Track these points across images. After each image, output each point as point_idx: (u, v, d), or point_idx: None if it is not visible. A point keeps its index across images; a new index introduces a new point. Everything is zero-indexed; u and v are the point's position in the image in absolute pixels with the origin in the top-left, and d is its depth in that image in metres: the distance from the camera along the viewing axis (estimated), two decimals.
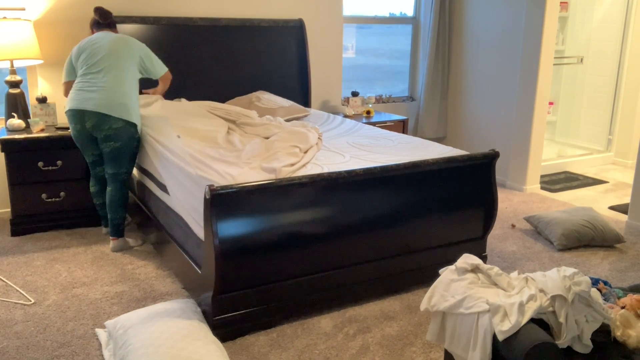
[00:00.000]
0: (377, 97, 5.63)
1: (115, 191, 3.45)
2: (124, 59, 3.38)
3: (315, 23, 4.94)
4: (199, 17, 4.37)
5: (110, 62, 3.35)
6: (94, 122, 3.29)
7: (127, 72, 3.38)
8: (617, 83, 5.82)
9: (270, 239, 2.56)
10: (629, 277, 3.30)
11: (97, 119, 3.28)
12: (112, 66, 3.35)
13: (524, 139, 4.90)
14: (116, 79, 3.33)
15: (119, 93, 3.31)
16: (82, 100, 3.30)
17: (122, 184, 3.47)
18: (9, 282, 3.11)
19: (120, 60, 3.37)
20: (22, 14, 3.91)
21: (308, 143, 3.33)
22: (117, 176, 3.43)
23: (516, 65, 4.96)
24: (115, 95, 3.30)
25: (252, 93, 4.48)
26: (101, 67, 3.34)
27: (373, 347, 2.53)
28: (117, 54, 3.37)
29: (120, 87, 3.33)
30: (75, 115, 3.33)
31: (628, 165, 5.88)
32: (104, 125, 3.29)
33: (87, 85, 3.33)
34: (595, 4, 5.88)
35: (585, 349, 1.86)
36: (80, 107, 3.29)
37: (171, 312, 2.57)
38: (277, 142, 3.33)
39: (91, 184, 3.65)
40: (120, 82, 3.34)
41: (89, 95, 3.30)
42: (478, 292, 1.98)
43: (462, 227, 3.16)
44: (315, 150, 3.26)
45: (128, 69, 3.39)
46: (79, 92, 3.33)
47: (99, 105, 3.26)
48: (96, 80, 3.33)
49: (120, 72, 3.35)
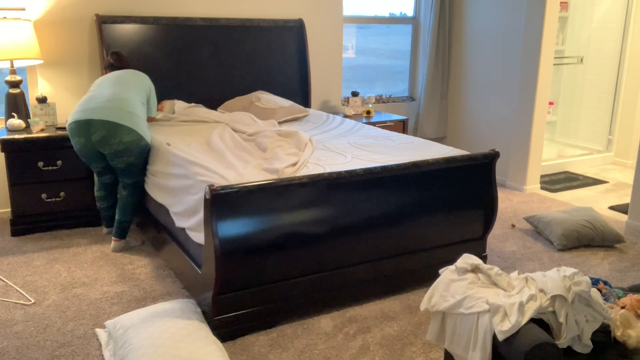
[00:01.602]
0: (377, 97, 5.63)
1: (130, 196, 3.44)
2: (133, 83, 3.39)
3: (315, 23, 4.94)
4: (199, 17, 4.37)
5: (118, 81, 3.35)
6: (102, 135, 3.13)
7: (135, 92, 3.35)
8: (617, 83, 5.82)
9: (270, 239, 2.56)
10: (629, 277, 3.30)
11: (106, 131, 3.12)
12: (120, 83, 3.33)
13: (524, 139, 4.90)
14: (124, 91, 3.28)
15: (127, 102, 3.22)
16: (87, 110, 3.16)
17: (139, 190, 3.46)
18: (9, 282, 3.11)
19: (128, 82, 3.36)
20: (22, 14, 3.91)
21: (302, 142, 3.33)
22: (135, 184, 3.42)
23: (516, 65, 4.96)
24: (123, 104, 3.19)
25: (252, 93, 4.48)
26: (108, 84, 3.32)
27: (373, 347, 2.53)
28: (126, 79, 3.39)
29: (128, 97, 3.25)
30: (79, 128, 3.17)
31: (628, 165, 5.88)
32: (113, 139, 3.13)
33: (91, 95, 3.25)
34: (595, 4, 5.88)
35: (585, 349, 1.86)
36: (86, 117, 3.14)
37: (171, 312, 2.57)
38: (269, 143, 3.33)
39: (96, 189, 3.63)
40: (129, 95, 3.27)
41: (94, 105, 3.16)
42: (478, 292, 1.98)
43: (462, 227, 3.16)
44: (310, 148, 3.26)
45: (136, 90, 3.36)
46: (83, 103, 3.22)
47: (107, 114, 3.11)
48: (102, 91, 3.25)
49: (128, 88, 3.32)
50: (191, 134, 3.53)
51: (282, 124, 4.13)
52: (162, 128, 3.71)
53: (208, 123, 3.88)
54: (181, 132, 3.59)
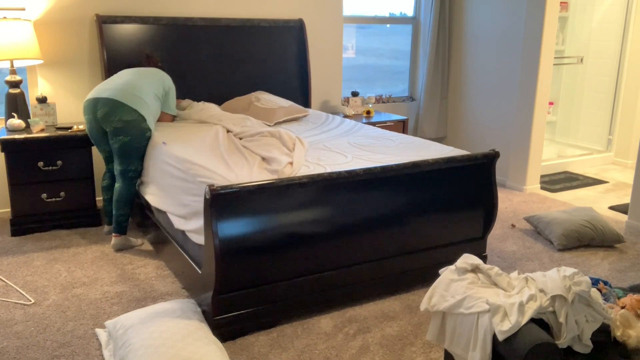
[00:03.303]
0: (377, 97, 5.63)
1: (122, 188, 3.46)
2: (152, 77, 3.58)
3: (315, 23, 4.94)
4: (199, 17, 4.37)
5: (137, 72, 3.55)
6: (105, 111, 3.31)
7: (150, 84, 3.53)
8: (617, 83, 5.82)
9: (270, 239, 2.56)
10: (629, 277, 3.30)
11: (109, 108, 3.30)
12: (138, 74, 3.53)
13: (524, 139, 4.90)
14: (139, 80, 3.47)
15: (137, 87, 3.40)
16: (98, 90, 3.40)
17: (130, 182, 3.47)
18: (9, 282, 3.11)
19: (147, 75, 3.57)
20: (22, 14, 3.91)
21: (288, 141, 3.33)
22: (125, 173, 3.43)
23: (516, 65, 4.96)
24: (133, 88, 3.38)
25: (251, 93, 4.47)
26: (126, 74, 3.52)
27: (373, 347, 2.53)
28: (146, 72, 3.60)
29: (141, 85, 3.44)
30: (89, 105, 3.39)
31: (628, 165, 5.88)
32: (114, 116, 3.30)
33: (107, 80, 3.49)
34: (595, 4, 5.88)
35: (585, 349, 1.87)
36: (95, 95, 3.37)
37: (171, 312, 2.57)
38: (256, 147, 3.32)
39: (103, 178, 3.74)
40: (142, 83, 3.46)
41: (106, 87, 3.39)
42: (478, 292, 1.98)
43: (462, 227, 3.16)
44: (301, 147, 3.25)
45: (152, 83, 3.54)
46: (98, 86, 3.45)
47: (114, 94, 3.32)
48: (118, 79, 3.47)
49: (143, 79, 3.50)
50: (189, 134, 3.52)
51: (282, 124, 4.13)
52: (161, 128, 3.71)
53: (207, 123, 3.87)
54: (179, 132, 3.58)
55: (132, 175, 3.46)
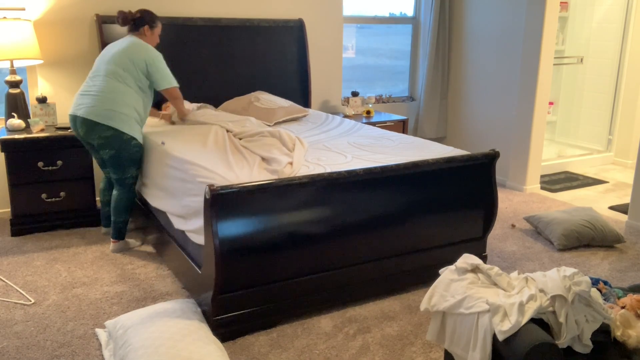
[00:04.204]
0: (377, 97, 5.63)
1: (120, 195, 3.44)
2: (126, 66, 3.31)
3: (315, 23, 4.94)
4: (199, 17, 4.37)
5: (110, 67, 3.31)
6: (84, 130, 3.31)
7: (126, 79, 3.31)
8: (617, 83, 5.82)
9: (270, 239, 2.56)
10: (629, 277, 3.30)
11: (86, 128, 3.29)
12: (111, 72, 3.30)
13: (524, 139, 4.90)
14: (111, 86, 3.28)
15: (109, 101, 3.26)
16: (76, 105, 3.35)
17: (128, 189, 3.45)
18: (9, 282, 3.11)
19: (120, 67, 3.30)
20: (22, 14, 3.91)
21: (288, 141, 3.33)
22: (122, 181, 3.42)
23: (516, 65, 4.96)
24: (105, 103, 3.25)
25: (251, 93, 4.47)
26: (101, 72, 3.33)
27: (373, 347, 2.53)
28: (119, 61, 3.30)
29: (113, 94, 3.27)
30: (71, 121, 3.39)
31: (628, 165, 5.88)
32: (93, 134, 3.29)
33: (84, 89, 3.37)
34: (595, 4, 5.88)
35: (585, 349, 1.86)
36: (73, 112, 3.34)
37: (171, 312, 2.57)
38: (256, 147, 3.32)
39: (101, 182, 3.74)
40: (115, 90, 3.27)
41: (82, 100, 3.33)
42: (478, 292, 1.98)
43: (462, 227, 3.16)
44: (301, 147, 3.25)
45: (128, 77, 3.31)
46: (77, 97, 3.38)
47: (87, 112, 3.26)
48: (93, 84, 3.34)
49: (117, 79, 3.29)
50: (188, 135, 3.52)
51: (281, 124, 4.13)
52: (161, 128, 3.71)
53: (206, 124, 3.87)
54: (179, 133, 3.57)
55: (129, 182, 3.44)
